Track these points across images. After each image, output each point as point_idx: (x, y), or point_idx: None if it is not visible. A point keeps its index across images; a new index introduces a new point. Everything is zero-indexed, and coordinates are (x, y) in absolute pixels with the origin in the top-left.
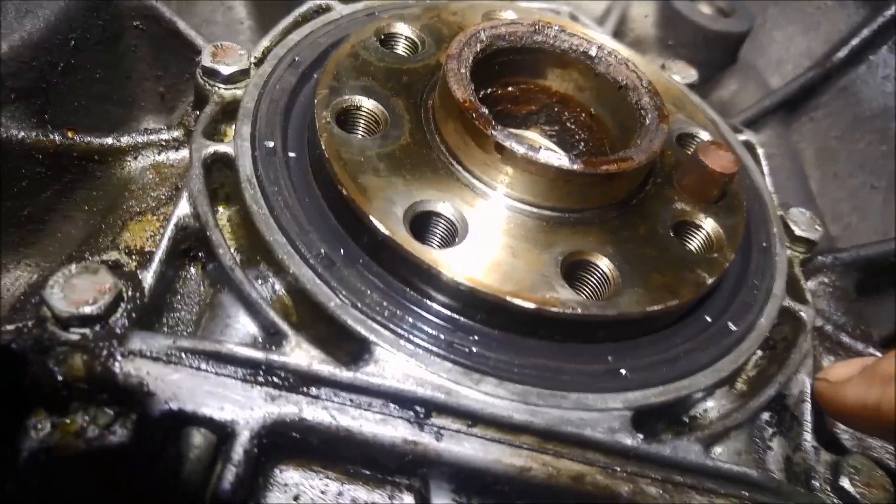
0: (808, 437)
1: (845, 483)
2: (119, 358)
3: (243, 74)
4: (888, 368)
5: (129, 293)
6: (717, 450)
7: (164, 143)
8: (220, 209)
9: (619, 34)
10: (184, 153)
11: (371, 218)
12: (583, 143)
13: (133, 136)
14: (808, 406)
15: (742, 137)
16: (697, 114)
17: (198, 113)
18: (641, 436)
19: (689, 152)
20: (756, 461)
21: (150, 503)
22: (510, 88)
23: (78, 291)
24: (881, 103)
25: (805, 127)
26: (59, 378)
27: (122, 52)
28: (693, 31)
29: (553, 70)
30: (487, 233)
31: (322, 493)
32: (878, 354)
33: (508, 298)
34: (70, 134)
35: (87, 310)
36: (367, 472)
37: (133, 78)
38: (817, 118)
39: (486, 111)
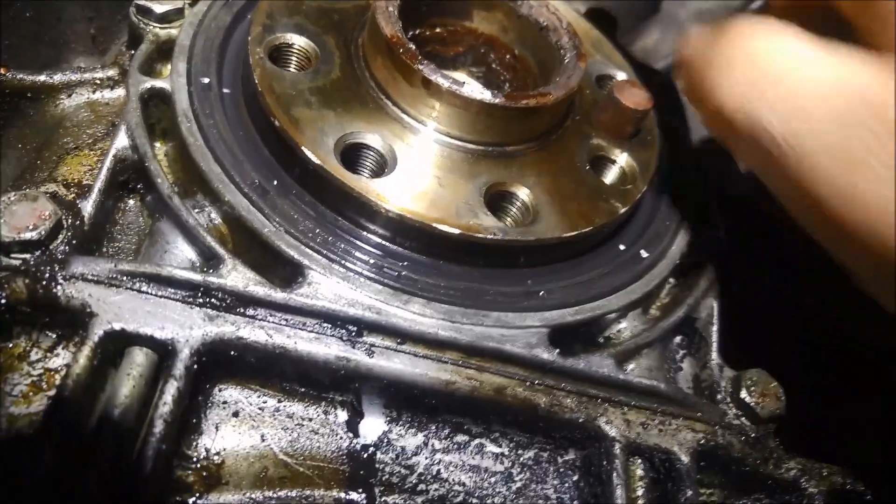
0: (713, 355)
1: (744, 394)
2: (61, 281)
3: (178, 14)
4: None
5: (70, 221)
6: (630, 366)
7: (98, 82)
8: (158, 145)
9: None
10: (119, 92)
11: (303, 148)
12: (508, 84)
13: (66, 74)
14: (714, 327)
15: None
16: (615, 55)
17: (132, 52)
18: (557, 350)
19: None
20: (667, 378)
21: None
22: (438, 30)
23: (17, 217)
24: None
25: None
26: (2, 301)
27: None
28: None
29: (479, 12)
30: (415, 164)
31: (260, 409)
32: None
33: (435, 225)
34: (2, 70)
35: (28, 235)
36: (303, 389)
37: (64, 19)
38: None
39: (413, 47)
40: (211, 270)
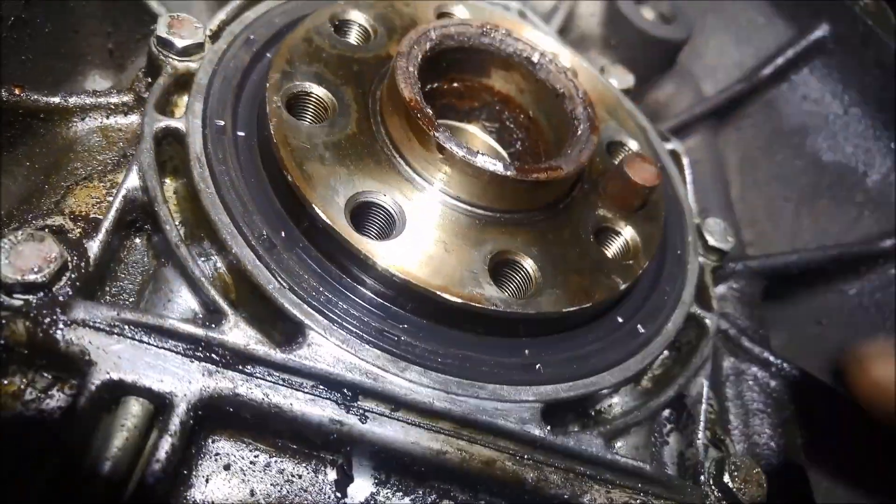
0: (700, 435)
1: (726, 478)
2: (62, 326)
3: (198, 48)
4: None
5: (75, 262)
6: (618, 444)
7: (112, 107)
8: (168, 181)
9: (565, 30)
10: (133, 118)
11: (313, 206)
12: (520, 143)
13: (81, 97)
14: (703, 407)
15: (669, 146)
16: (628, 122)
17: (149, 80)
18: (549, 427)
19: (617, 161)
20: (653, 455)
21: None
22: (455, 84)
23: (23, 258)
24: (799, 121)
25: (731, 135)
26: (0, 342)
27: (71, 7)
28: (635, 35)
29: (497, 71)
30: (423, 227)
31: (252, 463)
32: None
33: (438, 292)
34: (17, 90)
35: (32, 277)
36: (295, 447)
37: (81, 33)
38: (743, 128)
39: (431, 112)
40: (213, 325)
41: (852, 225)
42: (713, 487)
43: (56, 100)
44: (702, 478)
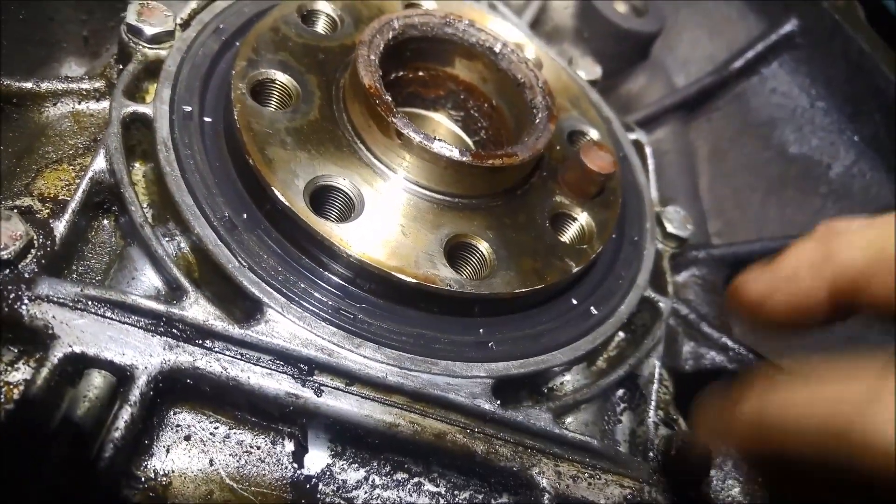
0: (651, 413)
1: (673, 453)
2: (26, 301)
3: (168, 36)
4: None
5: (41, 240)
6: (568, 419)
7: (84, 93)
8: (137, 164)
9: (538, 23)
10: (104, 104)
11: (273, 189)
12: (484, 131)
13: (53, 82)
14: (654, 386)
15: (632, 136)
16: (591, 112)
17: (120, 67)
18: (499, 402)
19: (576, 149)
20: (604, 432)
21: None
22: (420, 73)
23: None
24: (767, 113)
25: (702, 126)
26: None
27: None
28: (607, 27)
29: (461, 60)
30: (382, 210)
31: (211, 434)
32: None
33: (393, 273)
34: None
35: None
36: (254, 419)
37: (56, 20)
38: (714, 119)
39: (390, 98)
40: (175, 301)
41: (816, 215)
42: (660, 462)
43: (28, 85)
44: (651, 454)
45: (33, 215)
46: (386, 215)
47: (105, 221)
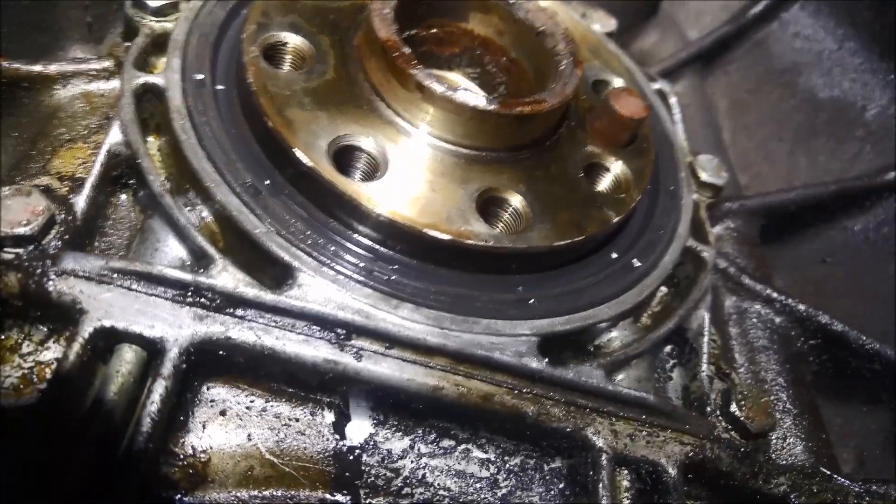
0: (703, 367)
1: (733, 408)
2: (52, 277)
3: (173, 7)
4: None
5: (62, 216)
6: (619, 376)
7: (93, 73)
8: (151, 139)
9: None
10: (114, 83)
11: (295, 150)
12: (503, 86)
13: (62, 64)
14: (705, 339)
15: (656, 86)
16: (613, 62)
17: (128, 44)
18: (546, 360)
19: (604, 97)
20: (656, 389)
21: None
22: (434, 30)
23: (12, 212)
24: (790, 59)
25: (720, 80)
26: None
27: None
28: None
29: (475, 14)
30: (408, 168)
31: (247, 408)
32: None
33: (426, 230)
34: None
35: (21, 230)
36: (291, 390)
37: (60, 6)
38: (731, 71)
39: (409, 51)
40: (201, 270)
41: (853, 161)
42: (720, 418)
43: (37, 68)
44: (708, 409)
45: (53, 193)
46: (412, 172)
47: (123, 196)
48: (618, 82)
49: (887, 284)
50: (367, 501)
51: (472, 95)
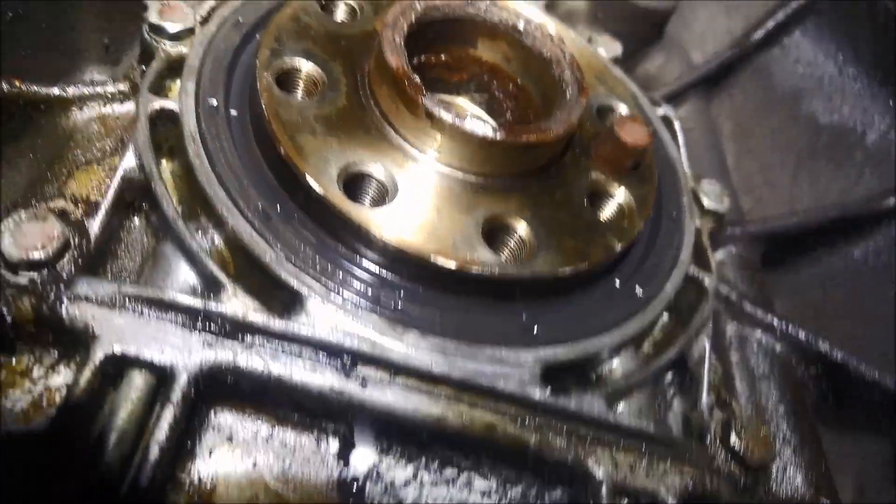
0: (704, 397)
1: (733, 438)
2: (66, 301)
3: (189, 32)
4: None
5: (76, 240)
6: (620, 406)
7: (110, 96)
8: (164, 162)
9: (551, 7)
10: (129, 106)
11: (306, 176)
12: (510, 112)
13: (79, 87)
14: (706, 368)
15: (660, 111)
16: (618, 87)
17: (144, 67)
18: (549, 389)
19: (608, 124)
20: (657, 418)
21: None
22: (443, 56)
23: (27, 237)
24: (792, 84)
25: (724, 103)
26: (8, 319)
27: (68, 2)
28: (620, 7)
29: (483, 41)
30: (416, 194)
31: (254, 435)
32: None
33: (432, 257)
34: (17, 82)
35: (36, 255)
36: (297, 417)
37: (78, 28)
38: (735, 95)
39: (418, 79)
40: (212, 296)
41: (853, 185)
42: (720, 448)
43: (55, 90)
44: (708, 439)
45: (67, 216)
46: (420, 198)
47: (136, 221)
48: (622, 108)
49: (887, 308)
50: None
51: (480, 124)
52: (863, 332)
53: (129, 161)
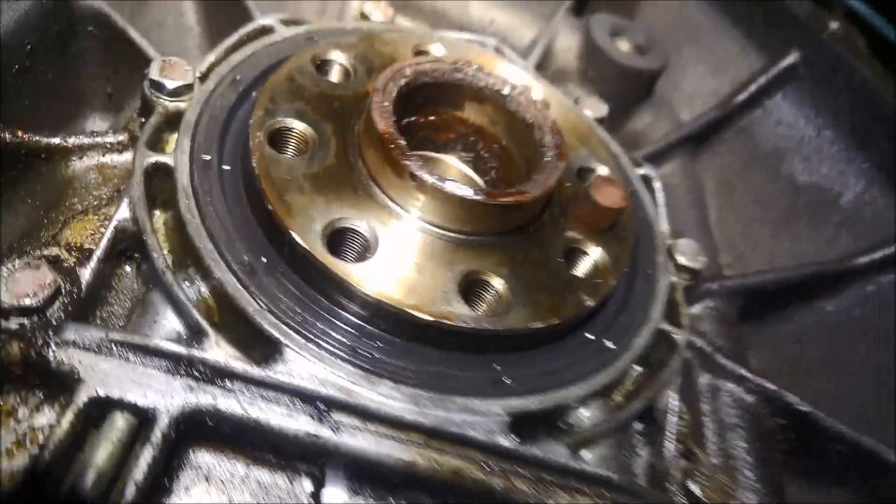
0: (669, 445)
1: (693, 486)
2: (53, 347)
3: (188, 89)
4: None
5: (67, 287)
6: (587, 454)
7: (108, 146)
8: (158, 213)
9: (543, 66)
10: (127, 156)
11: (291, 233)
12: (494, 171)
13: (80, 137)
14: (672, 419)
15: (640, 171)
16: (600, 149)
17: (143, 120)
18: (518, 438)
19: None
20: (622, 466)
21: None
22: (432, 118)
23: (20, 285)
24: (773, 144)
25: (709, 161)
26: None
27: (74, 54)
28: (611, 67)
29: (471, 104)
30: (397, 250)
31: (231, 474)
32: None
33: (409, 311)
34: (19, 132)
35: (27, 302)
36: (272, 458)
37: (82, 77)
38: (720, 153)
39: (404, 142)
40: (195, 343)
41: (829, 244)
42: (681, 496)
43: (57, 140)
44: (669, 486)
45: (60, 264)
46: (401, 254)
47: (127, 268)
48: (602, 170)
49: (859, 364)
50: None
51: (460, 186)
52: (836, 387)
53: (123, 213)
